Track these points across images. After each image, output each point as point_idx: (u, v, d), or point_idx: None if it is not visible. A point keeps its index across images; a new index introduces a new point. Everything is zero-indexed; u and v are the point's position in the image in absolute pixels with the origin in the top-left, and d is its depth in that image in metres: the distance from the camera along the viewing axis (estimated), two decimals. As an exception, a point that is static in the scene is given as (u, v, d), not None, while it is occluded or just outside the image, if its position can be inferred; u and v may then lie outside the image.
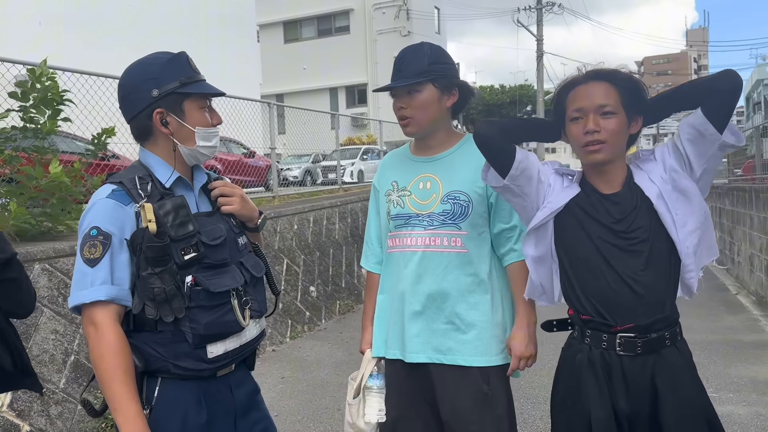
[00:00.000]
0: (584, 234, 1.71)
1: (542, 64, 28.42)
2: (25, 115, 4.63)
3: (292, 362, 5.48)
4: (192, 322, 1.59)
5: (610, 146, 1.66)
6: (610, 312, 1.66)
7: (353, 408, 2.14)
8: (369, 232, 2.28)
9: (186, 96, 1.66)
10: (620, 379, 1.65)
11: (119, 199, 1.58)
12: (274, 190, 8.99)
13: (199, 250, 1.61)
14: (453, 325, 2.04)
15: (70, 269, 4.23)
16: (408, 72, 2.01)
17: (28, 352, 3.70)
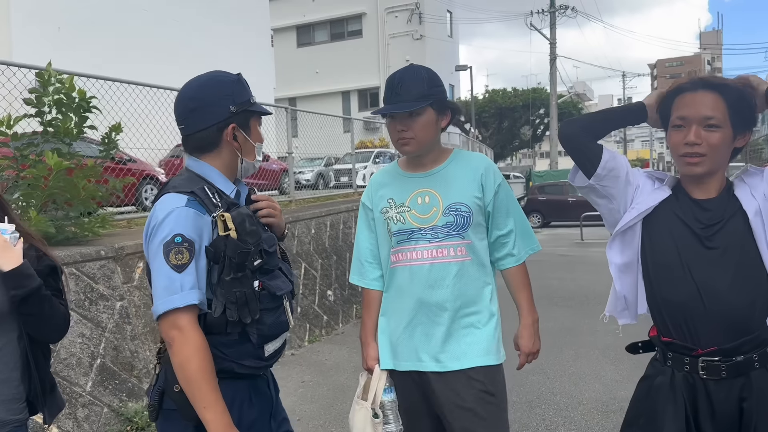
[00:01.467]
0: (669, 238, 1.66)
1: (555, 67, 28.36)
2: (43, 120, 4.69)
3: (311, 366, 5.52)
4: (259, 324, 1.69)
5: (710, 160, 1.60)
6: (691, 331, 1.62)
7: (378, 427, 2.18)
8: (360, 250, 2.30)
9: (252, 114, 1.78)
10: (706, 403, 1.61)
11: (197, 208, 1.65)
12: (291, 194, 9.04)
13: (263, 257, 1.70)
14: (467, 329, 2.12)
15: (95, 273, 4.29)
16: (408, 96, 2.06)
17: (56, 355, 3.76)
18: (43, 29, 12.01)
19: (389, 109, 2.09)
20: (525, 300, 2.20)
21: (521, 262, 2.20)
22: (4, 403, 1.77)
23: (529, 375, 5.00)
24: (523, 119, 32.80)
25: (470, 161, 2.21)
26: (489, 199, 2.15)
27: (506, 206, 2.18)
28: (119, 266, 4.51)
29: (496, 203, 2.16)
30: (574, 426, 3.93)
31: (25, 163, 4.61)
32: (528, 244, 2.22)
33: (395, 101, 2.08)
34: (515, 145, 35.90)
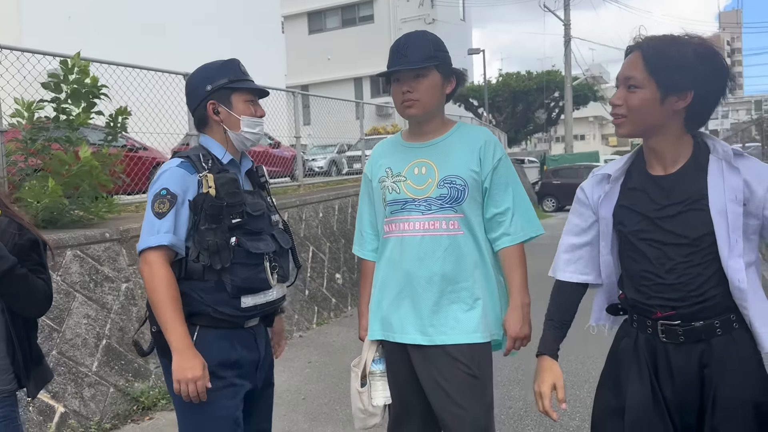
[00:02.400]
0: (627, 214, 1.65)
1: (570, 49, 27.99)
2: (58, 106, 4.72)
3: (318, 347, 5.54)
4: (232, 275, 1.93)
5: (630, 121, 1.58)
6: (650, 295, 1.61)
7: (364, 395, 2.19)
8: (361, 221, 2.30)
9: (233, 90, 2.04)
10: (665, 367, 1.59)
11: (186, 168, 1.96)
12: (299, 179, 9.04)
13: (243, 217, 1.96)
14: (456, 305, 2.08)
15: (101, 255, 4.32)
16: (414, 57, 2.04)
17: (62, 336, 3.81)
18: (53, 17, 12.07)
19: (396, 68, 2.06)
20: (517, 281, 2.12)
21: (517, 243, 2.13)
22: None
23: (536, 354, 4.97)
24: (538, 103, 32.37)
25: (471, 134, 2.17)
26: (486, 173, 2.10)
27: (505, 183, 2.13)
28: (124, 248, 4.54)
29: (494, 179, 2.11)
30: (579, 403, 3.91)
31: (33, 147, 4.65)
32: (528, 225, 2.14)
33: (401, 62, 2.06)
34: (529, 129, 35.52)
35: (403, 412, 2.21)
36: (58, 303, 3.91)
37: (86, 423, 3.74)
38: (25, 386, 1.88)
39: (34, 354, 1.92)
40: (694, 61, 1.51)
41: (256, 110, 2.09)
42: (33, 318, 1.89)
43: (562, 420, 3.70)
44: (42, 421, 3.54)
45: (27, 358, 1.87)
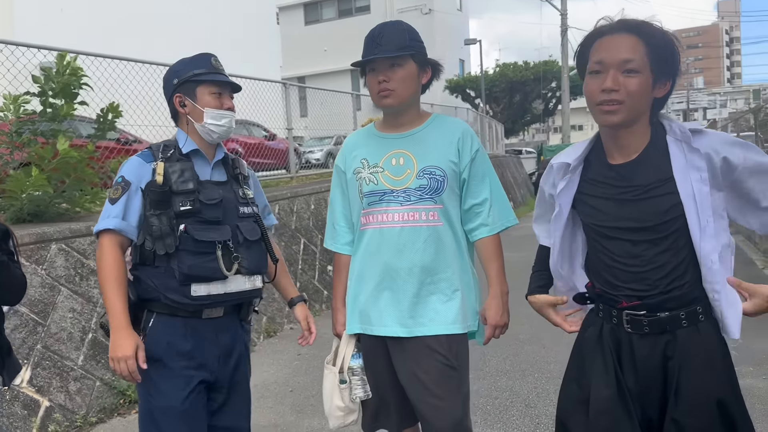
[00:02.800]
0: (588, 204, 1.63)
1: (567, 39, 27.87)
2: (45, 100, 4.69)
3: (308, 340, 5.53)
4: (180, 262, 1.97)
5: (627, 108, 1.49)
6: (615, 285, 1.59)
7: (344, 392, 2.19)
8: (334, 214, 2.28)
9: (199, 83, 2.08)
10: (629, 358, 1.58)
11: (144, 158, 2.06)
12: (291, 171, 9.02)
13: (193, 205, 1.99)
14: (435, 296, 2.07)
15: (86, 249, 4.30)
16: (389, 46, 2.03)
17: (46, 330, 3.80)
18: (46, 10, 12.00)
19: (371, 57, 2.04)
20: (495, 271, 2.13)
21: (494, 233, 2.14)
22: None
23: (525, 344, 4.97)
24: (535, 93, 32.26)
25: (448, 125, 2.16)
26: (465, 164, 2.10)
27: (482, 174, 2.13)
28: (111, 242, 4.52)
29: (472, 170, 2.11)
30: (565, 394, 3.91)
31: (18, 141, 4.63)
32: (504, 216, 2.15)
33: (376, 51, 2.04)
34: (527, 120, 35.42)
35: (382, 406, 2.20)
36: (42, 297, 3.89)
37: (72, 417, 3.74)
38: (0, 375, 1.89)
39: (3, 344, 1.92)
40: (677, 51, 1.51)
41: (223, 103, 2.10)
42: (10, 305, 1.91)
43: (546, 408, 3.70)
44: (26, 415, 3.53)
45: (1, 348, 1.89)
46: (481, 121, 20.71)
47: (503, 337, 2.15)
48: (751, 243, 9.93)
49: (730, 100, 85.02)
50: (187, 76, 2.08)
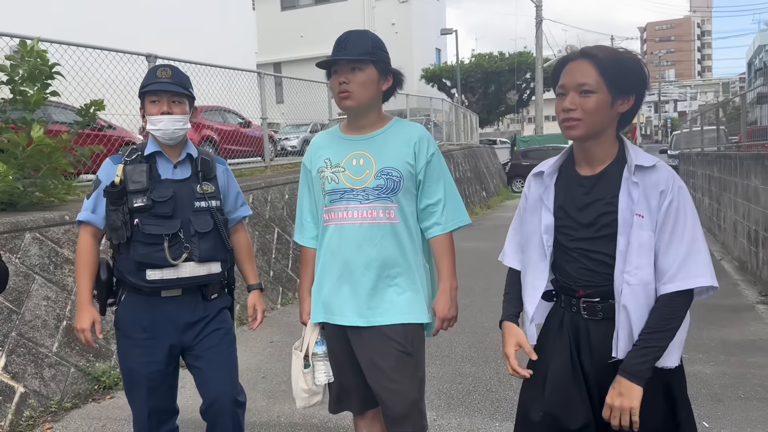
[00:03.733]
0: (557, 210, 1.82)
1: (541, 30, 28.14)
2: (14, 88, 4.70)
3: (281, 327, 5.65)
4: (134, 251, 2.33)
5: (585, 123, 1.70)
6: (573, 280, 1.78)
7: (308, 375, 2.33)
8: (301, 209, 2.41)
9: (144, 95, 2.40)
10: (586, 342, 1.76)
11: (114, 160, 2.41)
12: (266, 160, 9.07)
13: (146, 202, 2.32)
14: (392, 288, 2.21)
15: (60, 238, 4.36)
16: (353, 51, 2.16)
17: (21, 318, 3.86)
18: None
19: (333, 58, 2.18)
20: (446, 267, 2.28)
21: (447, 232, 2.28)
22: None
23: (489, 332, 5.16)
24: (509, 84, 32.51)
25: (407, 129, 2.29)
26: (421, 166, 2.24)
27: (437, 176, 2.27)
28: (85, 231, 4.58)
29: (427, 172, 2.25)
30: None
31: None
32: (457, 216, 2.30)
33: (339, 55, 2.17)
34: (501, 110, 35.71)
35: (343, 390, 2.35)
36: (17, 285, 3.95)
37: (47, 403, 3.82)
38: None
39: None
40: (636, 68, 1.70)
41: (159, 108, 2.37)
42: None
43: (506, 393, 3.89)
44: (2, 401, 3.61)
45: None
46: (456, 111, 20.85)
47: (469, 324, 2.30)
48: (710, 234, 10.29)
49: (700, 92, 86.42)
50: (139, 91, 2.42)
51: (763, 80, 27.95)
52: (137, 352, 2.40)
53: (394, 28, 32.30)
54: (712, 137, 11.97)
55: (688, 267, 1.64)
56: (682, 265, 1.64)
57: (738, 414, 3.54)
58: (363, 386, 2.30)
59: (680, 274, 1.63)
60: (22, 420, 3.65)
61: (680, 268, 1.64)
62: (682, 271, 1.64)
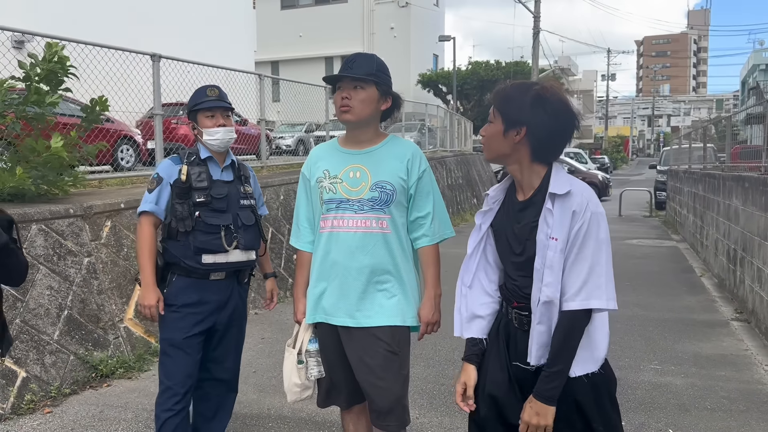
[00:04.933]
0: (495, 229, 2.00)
1: (538, 41, 28.43)
2: (30, 85, 4.84)
3: (272, 325, 5.83)
4: (194, 239, 2.79)
5: (486, 148, 1.93)
6: (508, 291, 1.96)
7: (301, 372, 2.54)
8: (298, 215, 2.60)
9: (197, 111, 2.91)
10: (514, 348, 1.94)
11: (174, 161, 2.88)
12: (263, 160, 9.24)
13: (206, 198, 2.80)
14: (381, 293, 2.41)
15: (64, 230, 4.53)
16: (358, 70, 2.37)
17: (25, 306, 4.03)
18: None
19: (338, 74, 2.39)
20: (431, 276, 2.49)
21: (434, 243, 2.49)
22: None
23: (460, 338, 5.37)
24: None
25: (401, 147, 2.50)
26: (413, 182, 2.44)
27: (427, 191, 2.47)
28: (87, 224, 4.75)
29: (418, 187, 2.45)
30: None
31: (2, 123, 4.78)
32: (443, 228, 2.51)
33: (346, 72, 2.38)
34: (489, 120, 36.01)
35: (333, 385, 2.55)
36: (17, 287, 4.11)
37: (47, 388, 3.99)
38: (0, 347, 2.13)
39: (2, 319, 2.16)
40: (528, 104, 1.83)
41: (215, 122, 2.88)
42: (15, 287, 2.16)
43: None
44: (5, 384, 3.78)
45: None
46: (450, 118, 21.07)
47: (452, 328, 2.44)
48: (693, 251, 10.55)
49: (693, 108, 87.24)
50: (191, 107, 2.91)
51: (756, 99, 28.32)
52: (183, 324, 2.80)
53: (392, 32, 32.55)
54: (700, 155, 12.23)
55: (587, 288, 1.76)
56: (582, 286, 1.76)
57: (703, 424, 3.75)
58: (351, 383, 2.49)
59: (581, 294, 1.76)
60: (23, 403, 3.81)
61: (581, 289, 1.77)
62: (583, 291, 1.76)
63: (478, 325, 2.03)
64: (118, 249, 4.97)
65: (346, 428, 2.66)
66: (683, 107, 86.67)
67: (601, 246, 1.79)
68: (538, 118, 1.82)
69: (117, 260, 4.92)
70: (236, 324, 3.00)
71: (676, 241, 11.94)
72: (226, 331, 2.96)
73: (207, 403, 3.06)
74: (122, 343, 4.66)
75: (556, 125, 1.84)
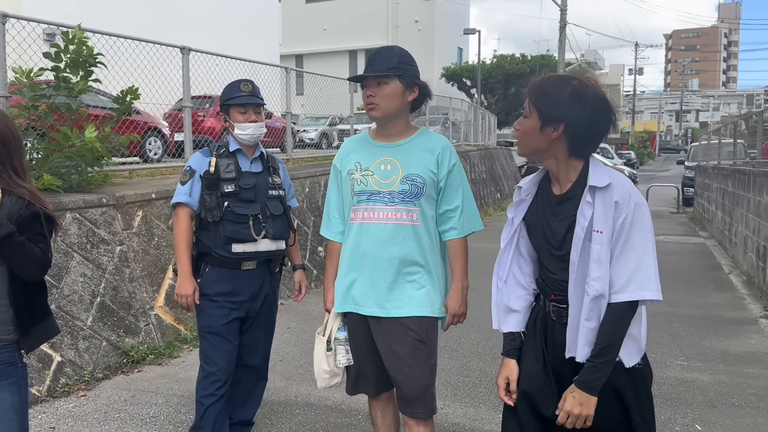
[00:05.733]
0: (530, 222, 2.00)
1: (565, 35, 28.13)
2: (58, 75, 4.96)
3: (298, 315, 5.91)
4: (224, 229, 2.86)
5: (521, 143, 1.93)
6: (547, 285, 1.96)
7: (330, 358, 2.58)
8: (329, 206, 2.64)
9: (230, 106, 2.96)
10: (551, 341, 1.94)
11: (204, 153, 2.96)
12: (288, 153, 9.31)
13: (235, 188, 2.86)
14: (410, 284, 2.44)
15: (97, 219, 4.63)
16: (379, 67, 2.39)
17: (60, 292, 4.13)
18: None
19: (361, 75, 2.42)
20: (459, 269, 2.50)
21: (462, 236, 2.50)
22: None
23: (497, 331, 5.37)
24: (530, 87, 32.55)
25: (432, 140, 2.52)
26: (443, 175, 2.46)
27: (456, 185, 2.49)
28: (120, 214, 4.85)
29: (448, 180, 2.47)
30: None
31: (35, 113, 4.90)
32: (472, 222, 2.53)
33: (368, 71, 2.41)
34: (520, 112, 35.63)
35: (361, 373, 2.59)
36: (57, 261, 4.22)
37: (80, 372, 4.10)
38: (20, 340, 2.06)
39: (34, 312, 2.11)
40: (566, 100, 1.81)
41: (247, 118, 2.93)
42: (30, 281, 2.06)
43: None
44: (41, 368, 3.89)
45: (23, 315, 2.06)
46: (474, 112, 20.98)
47: (477, 321, 2.50)
48: (721, 248, 10.40)
49: (723, 104, 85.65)
50: (224, 100, 2.96)
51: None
52: (220, 312, 2.88)
53: (417, 25, 32.45)
54: (730, 151, 12.03)
55: (637, 280, 1.75)
56: (632, 277, 1.75)
57: (731, 420, 3.73)
58: (379, 371, 2.53)
59: (630, 286, 1.75)
60: (58, 387, 3.92)
61: (629, 281, 1.76)
62: (632, 283, 1.75)
63: (515, 318, 2.04)
64: (149, 238, 5.07)
65: (373, 416, 2.70)
66: (712, 102, 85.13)
67: (647, 236, 1.78)
68: (575, 114, 1.79)
69: (148, 249, 5.02)
70: (267, 313, 3.07)
71: (704, 238, 11.78)
72: (258, 320, 3.03)
73: (238, 390, 3.12)
74: (153, 330, 4.76)
75: (594, 121, 1.82)
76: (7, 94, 4.82)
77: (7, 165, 2.05)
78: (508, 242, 2.05)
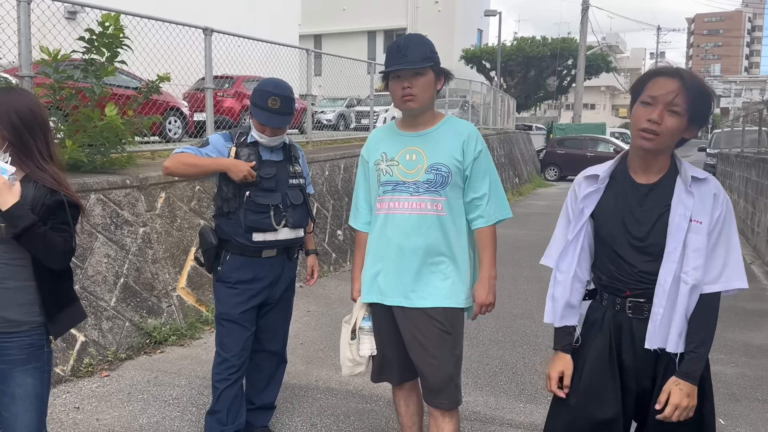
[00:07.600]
0: (606, 212, 1.95)
1: (587, 17, 27.69)
2: (88, 56, 4.96)
3: (317, 298, 5.93)
4: (245, 218, 2.83)
5: (661, 140, 1.81)
6: (621, 281, 1.93)
7: (353, 347, 2.58)
8: (357, 196, 2.62)
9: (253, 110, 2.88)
10: (629, 339, 1.92)
11: (225, 138, 2.90)
12: (308, 135, 9.29)
13: (256, 178, 2.79)
14: (435, 274, 2.42)
15: (122, 200, 4.66)
16: (414, 57, 2.32)
17: (84, 273, 4.17)
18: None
19: (399, 67, 2.33)
20: (487, 258, 2.46)
21: (490, 224, 2.46)
22: (22, 306, 2.03)
23: (517, 318, 5.37)
24: (550, 69, 32.12)
25: (457, 127, 2.47)
26: (468, 163, 2.42)
27: (483, 172, 2.45)
28: (143, 195, 4.87)
29: (474, 168, 2.43)
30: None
31: (60, 94, 4.91)
32: (500, 210, 2.48)
33: (402, 62, 2.33)
34: (540, 96, 35.40)
35: (385, 361, 2.59)
36: (81, 242, 4.26)
37: (104, 352, 4.14)
38: (47, 324, 2.08)
39: (61, 298, 2.12)
40: (712, 107, 1.85)
41: (264, 130, 2.84)
42: (53, 269, 2.06)
43: (530, 377, 4.09)
44: (65, 347, 3.94)
45: (48, 300, 2.07)
46: (494, 95, 20.77)
47: (497, 310, 2.47)
48: (743, 238, 10.26)
49: (745, 90, 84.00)
50: (251, 102, 2.84)
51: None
52: (239, 300, 2.89)
53: (437, 6, 32.08)
54: (754, 138, 11.80)
55: (729, 270, 1.83)
56: (724, 269, 1.83)
57: (755, 414, 3.69)
58: (403, 360, 2.52)
59: (723, 276, 1.83)
60: (82, 366, 3.97)
61: (722, 272, 1.83)
62: (725, 274, 1.83)
63: (572, 313, 2.03)
64: (171, 220, 5.10)
65: (397, 404, 2.70)
66: (734, 88, 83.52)
67: (735, 230, 1.88)
68: (708, 119, 1.88)
69: (171, 230, 5.05)
70: (286, 298, 3.09)
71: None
72: (278, 305, 3.05)
73: (259, 375, 3.14)
74: (175, 311, 4.80)
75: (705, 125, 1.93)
76: (32, 74, 4.82)
77: (32, 148, 2.05)
78: (576, 234, 2.01)
